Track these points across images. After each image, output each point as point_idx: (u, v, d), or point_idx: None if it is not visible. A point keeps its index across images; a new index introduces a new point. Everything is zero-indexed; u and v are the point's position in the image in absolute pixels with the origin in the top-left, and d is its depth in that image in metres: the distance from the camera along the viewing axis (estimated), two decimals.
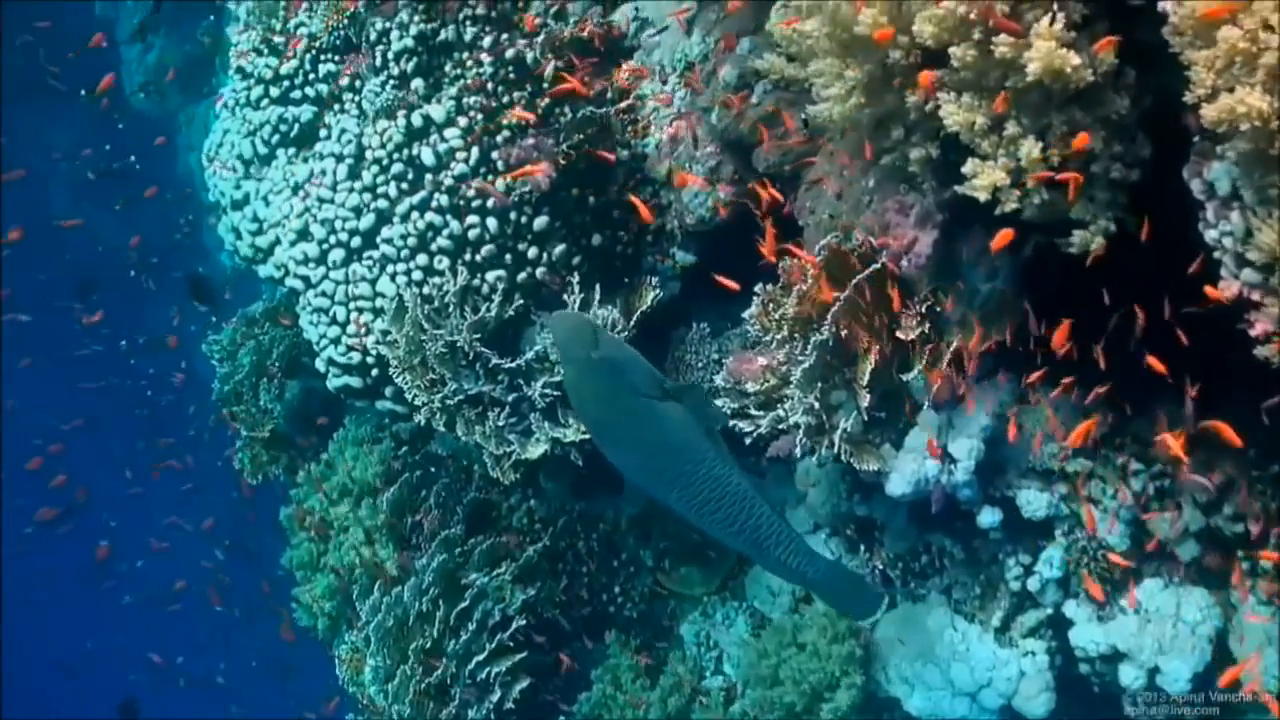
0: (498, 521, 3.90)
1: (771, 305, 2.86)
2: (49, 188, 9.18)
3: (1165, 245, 2.06)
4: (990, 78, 1.88)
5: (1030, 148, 1.88)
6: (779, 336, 2.68)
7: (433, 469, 3.99)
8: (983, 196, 1.98)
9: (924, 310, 2.59)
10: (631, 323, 3.26)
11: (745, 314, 2.87)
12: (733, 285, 2.86)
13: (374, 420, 4.09)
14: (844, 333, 2.59)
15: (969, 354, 2.64)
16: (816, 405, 2.63)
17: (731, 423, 2.84)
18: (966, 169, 2.00)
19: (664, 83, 3.43)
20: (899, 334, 2.62)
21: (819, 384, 2.66)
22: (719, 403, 2.91)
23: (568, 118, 3.25)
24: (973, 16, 1.81)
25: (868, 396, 2.63)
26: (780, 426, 2.74)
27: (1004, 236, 2.10)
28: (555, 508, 3.93)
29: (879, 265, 2.59)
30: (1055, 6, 1.75)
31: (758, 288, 2.91)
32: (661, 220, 3.47)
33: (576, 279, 3.27)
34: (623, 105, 3.41)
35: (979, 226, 2.53)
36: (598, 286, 3.30)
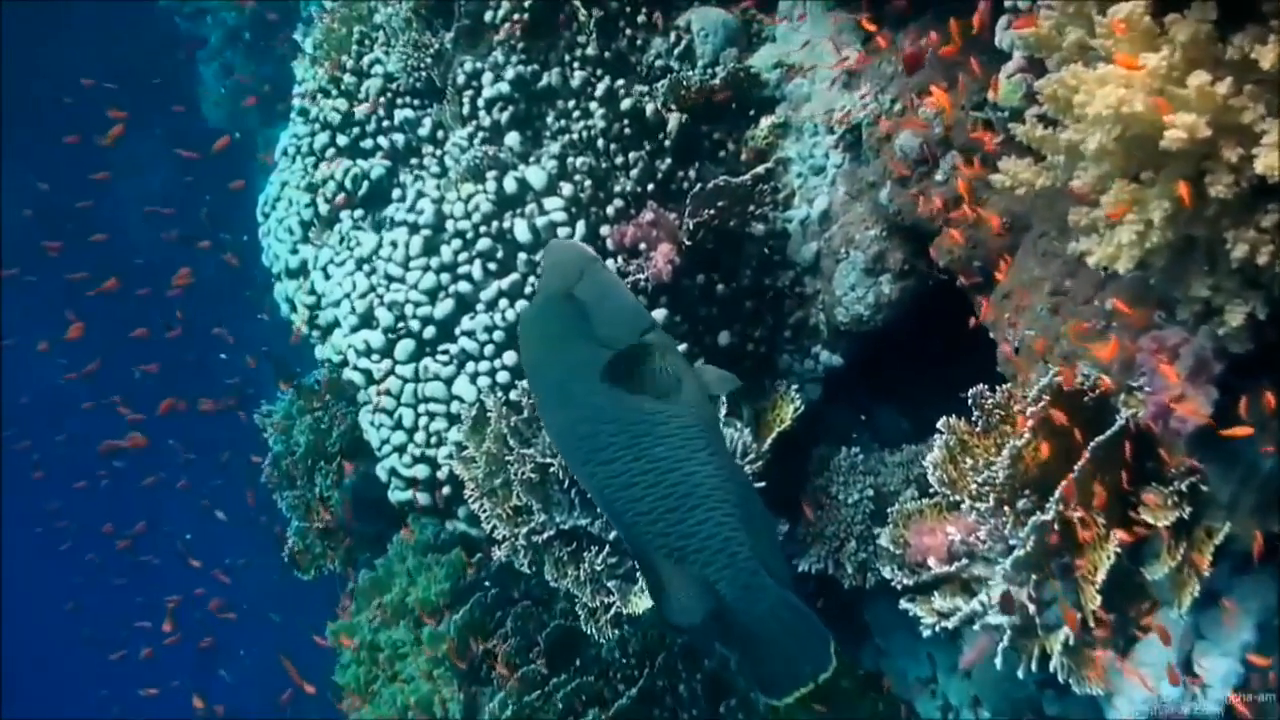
0: (585, 653, 3.27)
1: (960, 451, 2.18)
2: (125, 216, 8.85)
3: None
4: None
5: None
6: (982, 507, 1.99)
7: (509, 585, 3.38)
8: None
9: (1183, 488, 1.89)
10: (766, 445, 2.59)
11: (927, 460, 2.19)
12: None
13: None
14: (1077, 515, 1.90)
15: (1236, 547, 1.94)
16: (1031, 607, 1.94)
17: (904, 605, 2.17)
18: None
19: (814, 144, 2.78)
20: (1145, 515, 1.92)
21: (1032, 574, 1.97)
22: (885, 571, 2.24)
23: (696, 187, 2.61)
24: None
25: (1098, 598, 1.93)
26: (974, 624, 2.05)
27: None
28: (653, 640, 3.29)
29: (1125, 424, 1.89)
30: None
31: (941, 423, 2.24)
32: (804, 313, 2.81)
33: None
34: (760, 170, 2.76)
35: (1267, 381, 1.85)
36: (723, 395, 2.65)
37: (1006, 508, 1.99)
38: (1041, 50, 1.63)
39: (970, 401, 2.23)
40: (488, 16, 2.85)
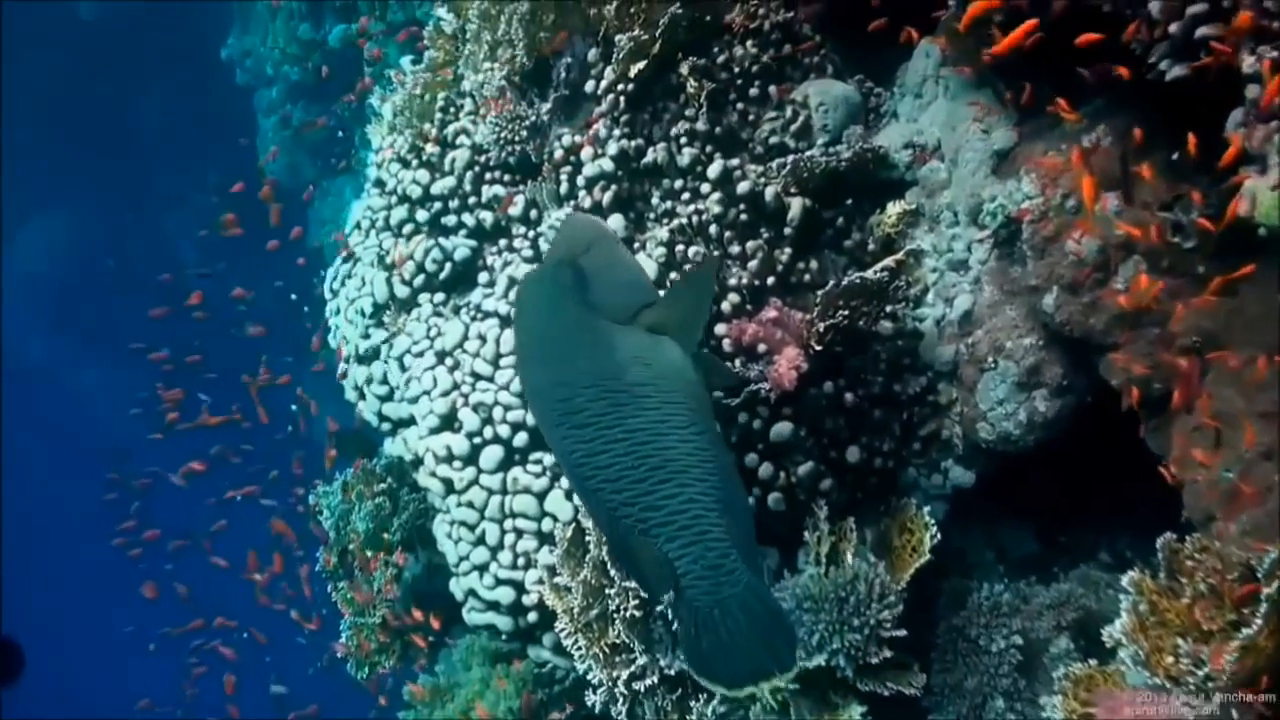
0: None
1: (1150, 615, 1.85)
2: (180, 252, 8.74)
3: None
4: None
5: None
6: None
7: (586, 702, 3.05)
8: None
9: None
10: (902, 584, 2.26)
11: (1116, 630, 1.85)
12: None
13: None
14: None
15: None
16: None
17: None
18: None
19: (954, 236, 2.47)
20: None
21: None
22: None
23: (829, 284, 2.30)
24: None
25: None
26: None
27: None
28: None
29: None
30: None
31: (1126, 579, 1.90)
32: (937, 424, 2.49)
33: (824, 510, 2.31)
34: (892, 262, 2.45)
35: None
36: (852, 520, 2.33)
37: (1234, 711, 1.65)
38: None
39: (1161, 555, 1.90)
40: (589, 86, 2.58)
